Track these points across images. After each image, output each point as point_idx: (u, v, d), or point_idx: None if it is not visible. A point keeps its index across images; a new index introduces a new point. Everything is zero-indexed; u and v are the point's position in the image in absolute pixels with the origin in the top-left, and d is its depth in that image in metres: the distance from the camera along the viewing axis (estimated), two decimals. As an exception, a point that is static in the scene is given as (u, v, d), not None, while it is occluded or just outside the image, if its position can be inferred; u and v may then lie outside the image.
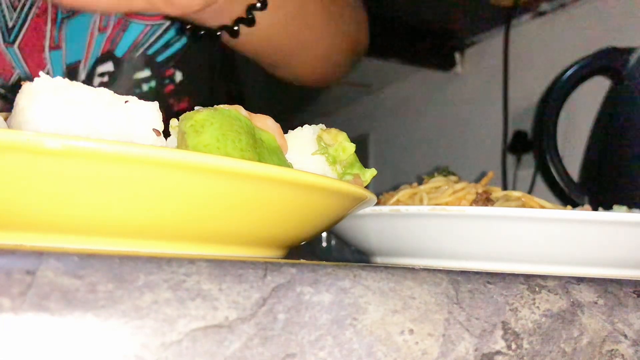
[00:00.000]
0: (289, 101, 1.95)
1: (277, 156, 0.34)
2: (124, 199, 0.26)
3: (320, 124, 0.37)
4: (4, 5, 0.73)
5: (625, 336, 0.30)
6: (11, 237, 0.27)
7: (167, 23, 0.72)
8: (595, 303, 0.30)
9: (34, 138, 0.23)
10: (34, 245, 0.27)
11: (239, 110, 0.33)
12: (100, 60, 0.74)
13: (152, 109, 0.31)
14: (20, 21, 0.75)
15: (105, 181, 0.25)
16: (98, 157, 0.24)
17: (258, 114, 0.34)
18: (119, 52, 0.74)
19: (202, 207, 0.28)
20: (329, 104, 2.00)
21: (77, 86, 0.29)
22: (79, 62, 0.75)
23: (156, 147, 0.25)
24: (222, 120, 0.31)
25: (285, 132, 0.36)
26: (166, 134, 0.32)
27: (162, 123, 0.31)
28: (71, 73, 0.76)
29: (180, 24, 0.69)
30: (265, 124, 0.34)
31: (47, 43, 0.76)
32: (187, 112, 0.32)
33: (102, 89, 0.30)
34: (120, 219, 0.27)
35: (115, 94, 0.30)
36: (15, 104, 0.29)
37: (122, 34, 0.74)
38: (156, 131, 0.30)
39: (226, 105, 0.33)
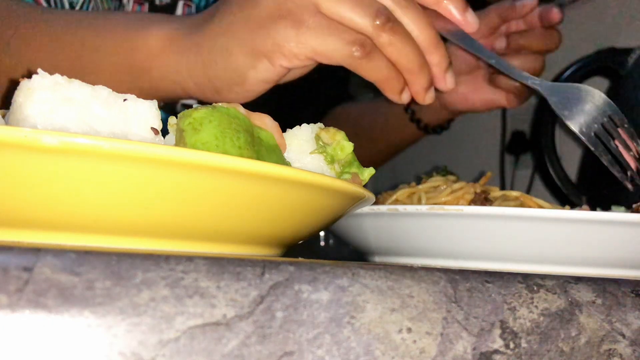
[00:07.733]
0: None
1: (276, 154, 0.33)
2: (121, 196, 0.26)
3: (319, 123, 0.37)
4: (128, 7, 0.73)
5: (623, 336, 0.30)
6: (8, 234, 0.27)
7: None
8: (594, 302, 0.30)
9: (32, 134, 0.23)
10: (31, 241, 0.27)
11: (237, 108, 0.33)
12: None
13: (151, 107, 0.30)
14: None
15: (103, 178, 0.25)
16: (95, 154, 0.24)
17: (257, 112, 0.34)
18: None
19: (200, 204, 0.28)
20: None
21: (75, 83, 0.29)
22: None
23: (154, 145, 0.25)
24: (220, 118, 0.31)
25: (284, 130, 0.36)
26: (165, 132, 0.32)
27: (160, 121, 0.31)
28: None
29: None
30: (264, 122, 0.34)
31: None
32: (186, 109, 0.32)
33: (100, 86, 0.30)
34: (117, 216, 0.27)
35: (114, 92, 0.30)
36: (13, 100, 0.29)
37: None
38: (154, 129, 0.30)
39: (224, 102, 0.33)
